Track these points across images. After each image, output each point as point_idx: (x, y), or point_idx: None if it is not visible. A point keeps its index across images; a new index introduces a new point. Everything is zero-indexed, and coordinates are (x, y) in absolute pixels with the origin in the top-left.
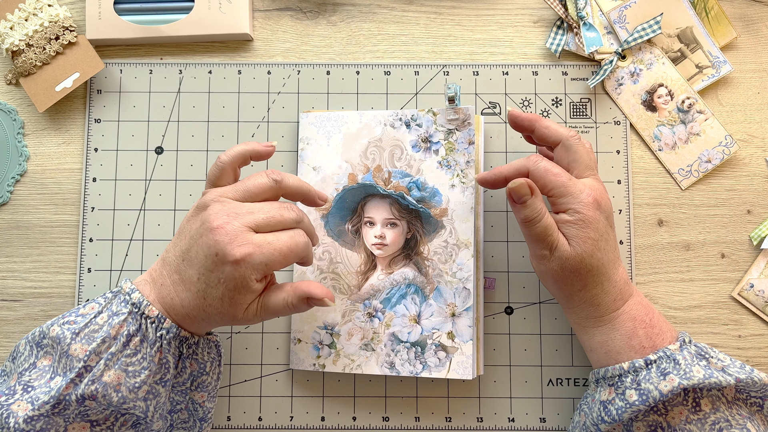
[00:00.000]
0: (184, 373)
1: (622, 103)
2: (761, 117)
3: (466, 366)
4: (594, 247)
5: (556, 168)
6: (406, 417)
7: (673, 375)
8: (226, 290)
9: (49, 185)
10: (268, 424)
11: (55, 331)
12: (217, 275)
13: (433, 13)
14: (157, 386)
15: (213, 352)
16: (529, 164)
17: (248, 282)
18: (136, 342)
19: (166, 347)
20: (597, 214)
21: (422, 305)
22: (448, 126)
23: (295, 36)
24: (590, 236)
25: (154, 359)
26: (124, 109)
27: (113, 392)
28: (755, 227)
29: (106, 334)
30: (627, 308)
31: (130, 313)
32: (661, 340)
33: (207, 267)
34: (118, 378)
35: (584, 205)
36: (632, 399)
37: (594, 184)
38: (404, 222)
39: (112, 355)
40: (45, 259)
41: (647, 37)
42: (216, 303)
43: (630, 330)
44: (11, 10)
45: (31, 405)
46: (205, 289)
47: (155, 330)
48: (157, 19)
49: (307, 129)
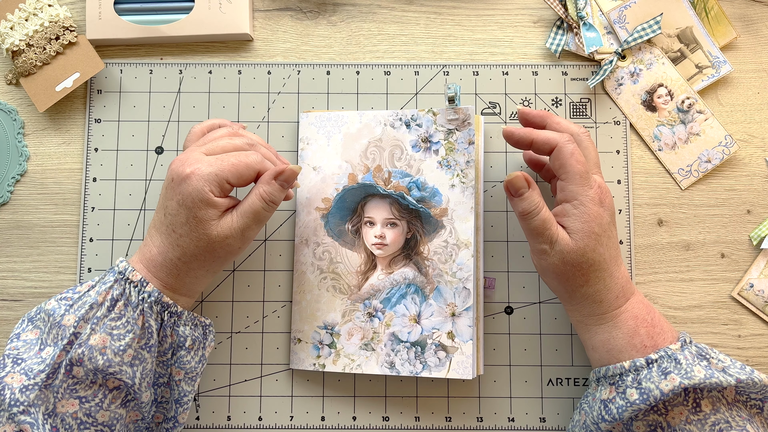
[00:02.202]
0: (165, 342)
1: (622, 103)
2: (761, 117)
3: (466, 366)
4: (596, 242)
5: (581, 156)
6: (406, 417)
7: (674, 374)
8: (188, 211)
9: (49, 185)
10: (268, 424)
11: (51, 304)
12: (176, 200)
13: (433, 13)
14: (143, 351)
15: (198, 332)
16: (560, 141)
17: (204, 194)
18: (120, 306)
19: (147, 311)
20: (601, 211)
21: (422, 305)
22: (448, 126)
23: (295, 36)
24: (593, 230)
25: (137, 322)
26: (124, 109)
27: (99, 355)
28: (755, 227)
29: (94, 301)
30: (629, 306)
31: (116, 281)
32: (662, 340)
33: (167, 197)
34: (104, 341)
35: (590, 199)
36: (633, 398)
37: (602, 181)
38: (404, 222)
39: (98, 320)
40: (45, 259)
41: (647, 37)
42: (185, 230)
43: (632, 328)
44: (11, 10)
45: (26, 377)
46: (172, 222)
47: (138, 293)
48: (157, 19)
49: (307, 129)
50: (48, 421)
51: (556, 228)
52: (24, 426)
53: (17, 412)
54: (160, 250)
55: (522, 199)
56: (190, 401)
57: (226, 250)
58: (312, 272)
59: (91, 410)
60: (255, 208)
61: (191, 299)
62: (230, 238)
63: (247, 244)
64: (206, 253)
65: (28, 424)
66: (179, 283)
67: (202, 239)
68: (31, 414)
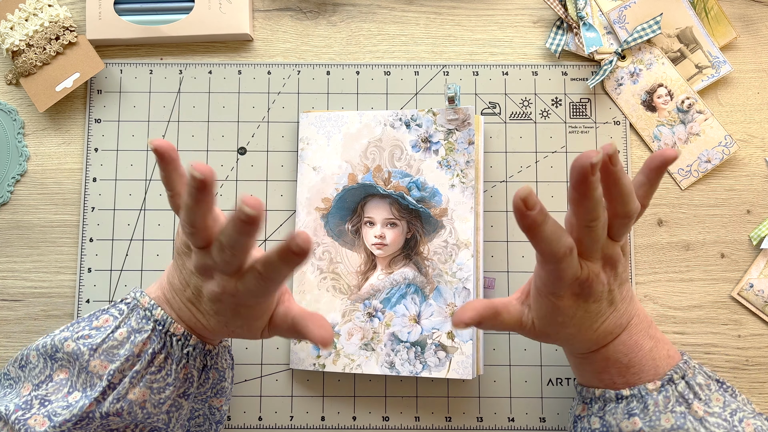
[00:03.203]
0: (207, 383)
1: (622, 103)
2: (761, 117)
3: (466, 366)
4: (560, 326)
5: (567, 272)
6: (406, 417)
7: (637, 418)
8: (243, 320)
9: (49, 185)
10: (268, 423)
11: (71, 346)
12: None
13: (433, 13)
14: (180, 399)
15: (228, 357)
16: (589, 272)
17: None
18: (161, 359)
19: (191, 362)
20: (575, 304)
21: (422, 305)
22: (448, 126)
23: (295, 36)
24: (556, 320)
25: (179, 375)
26: (124, 109)
27: (138, 409)
28: (755, 227)
29: (129, 353)
30: (603, 351)
31: (153, 330)
32: (636, 379)
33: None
34: (143, 395)
35: (561, 306)
36: (595, 426)
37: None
38: (404, 222)
39: (136, 373)
40: (45, 259)
41: (647, 37)
42: (239, 330)
43: (601, 367)
44: (11, 10)
45: (48, 420)
46: (226, 321)
47: (181, 347)
48: (157, 19)
49: (307, 129)
50: None
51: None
52: None
53: None
54: (210, 329)
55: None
56: (226, 413)
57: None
58: (312, 272)
59: None
60: (282, 333)
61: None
62: (266, 336)
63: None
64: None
65: None
66: (216, 339)
67: (250, 334)
68: None
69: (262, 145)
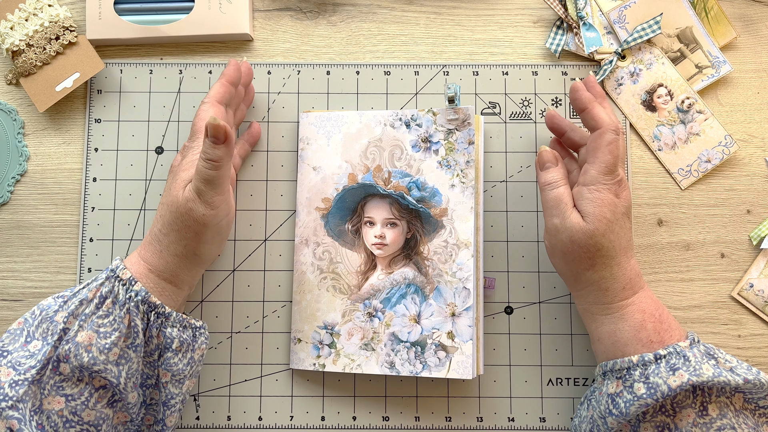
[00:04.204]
0: (151, 343)
1: (622, 103)
2: (761, 117)
3: (466, 366)
4: (607, 227)
5: (617, 149)
6: (406, 417)
7: (682, 371)
8: (170, 178)
9: (49, 185)
10: (268, 423)
11: (48, 300)
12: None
13: (433, 13)
14: (129, 351)
15: (186, 334)
16: (607, 126)
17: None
18: (108, 304)
19: (134, 310)
20: (616, 200)
21: (422, 305)
22: (448, 126)
23: (295, 36)
24: (606, 216)
25: (123, 321)
26: (124, 109)
27: (84, 352)
28: (755, 227)
29: (84, 297)
30: (637, 300)
31: (107, 278)
32: (669, 336)
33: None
34: (90, 338)
35: (607, 187)
36: (640, 392)
37: (623, 176)
38: (404, 222)
39: (86, 317)
40: (45, 259)
41: (647, 37)
42: (164, 200)
43: (639, 322)
44: (11, 10)
45: (13, 370)
46: (162, 197)
47: (125, 291)
48: (157, 19)
49: (307, 129)
50: (34, 417)
51: (571, 206)
52: (12, 422)
53: (5, 407)
54: (151, 227)
55: (546, 171)
56: (177, 404)
57: (193, 217)
58: (312, 272)
59: (77, 409)
60: (198, 168)
61: (180, 291)
62: (190, 202)
63: (216, 215)
64: (178, 220)
65: (15, 420)
66: (162, 263)
67: (173, 203)
68: (19, 410)
69: (262, 145)
